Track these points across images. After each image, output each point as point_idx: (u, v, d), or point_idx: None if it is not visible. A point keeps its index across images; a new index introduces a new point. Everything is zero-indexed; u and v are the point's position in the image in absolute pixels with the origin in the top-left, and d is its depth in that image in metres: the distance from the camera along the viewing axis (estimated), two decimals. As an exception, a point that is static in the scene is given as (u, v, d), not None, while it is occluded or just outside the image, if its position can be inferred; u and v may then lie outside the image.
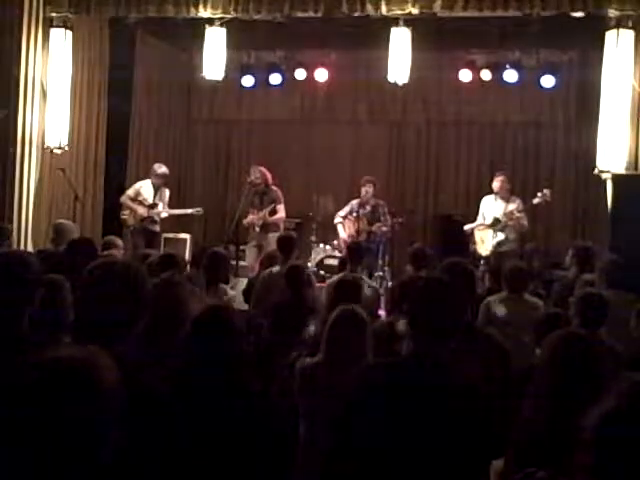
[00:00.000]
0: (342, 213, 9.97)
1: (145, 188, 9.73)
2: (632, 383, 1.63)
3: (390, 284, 8.12)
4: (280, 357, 4.25)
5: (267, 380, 3.97)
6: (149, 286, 2.52)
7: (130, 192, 9.78)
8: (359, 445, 2.76)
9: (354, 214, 9.75)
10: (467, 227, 9.61)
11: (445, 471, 2.66)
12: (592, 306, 4.46)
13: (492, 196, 9.52)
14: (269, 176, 9.50)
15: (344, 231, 9.90)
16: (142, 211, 9.61)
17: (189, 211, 10.15)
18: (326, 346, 3.64)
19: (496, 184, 9.44)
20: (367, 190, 9.72)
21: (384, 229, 9.69)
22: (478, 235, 9.45)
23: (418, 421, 2.66)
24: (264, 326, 5.10)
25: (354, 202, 9.88)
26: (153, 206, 9.68)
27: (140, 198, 9.66)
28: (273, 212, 9.41)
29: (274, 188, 9.53)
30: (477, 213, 9.76)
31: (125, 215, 9.64)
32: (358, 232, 9.62)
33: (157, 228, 9.83)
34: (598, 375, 2.57)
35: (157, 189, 9.76)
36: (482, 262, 8.96)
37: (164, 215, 9.82)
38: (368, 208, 9.78)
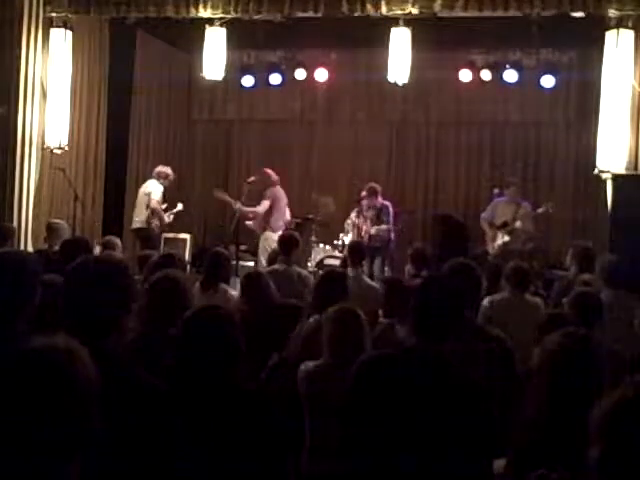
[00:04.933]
0: (353, 215, 9.94)
1: (161, 192, 9.72)
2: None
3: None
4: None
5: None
6: (134, 281, 2.52)
7: (157, 197, 9.60)
8: (361, 441, 2.76)
9: (361, 217, 9.73)
10: (484, 224, 9.91)
11: (445, 469, 2.67)
12: (586, 305, 4.44)
13: (503, 199, 9.85)
14: (270, 175, 9.52)
15: (352, 234, 9.88)
16: (167, 221, 9.67)
17: (179, 207, 10.11)
18: (328, 347, 3.64)
19: (511, 191, 9.80)
20: (364, 200, 9.69)
21: (383, 231, 9.65)
22: (490, 235, 9.78)
23: (417, 416, 2.66)
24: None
25: (362, 203, 9.85)
26: (166, 210, 9.73)
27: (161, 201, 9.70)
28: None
29: (273, 189, 9.51)
30: (477, 211, 9.96)
31: (155, 222, 9.58)
32: (360, 234, 9.60)
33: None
34: (598, 375, 2.57)
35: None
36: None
37: (171, 219, 9.88)
38: (373, 211, 9.75)
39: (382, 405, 2.71)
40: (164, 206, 9.72)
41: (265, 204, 9.42)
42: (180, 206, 10.10)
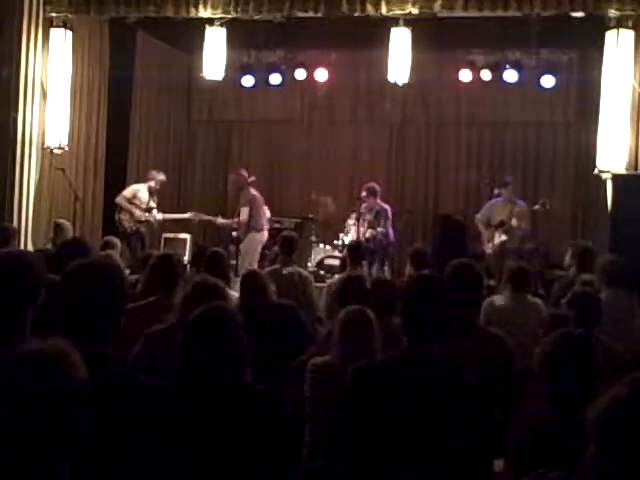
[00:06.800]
0: (351, 221, 9.92)
1: (142, 192, 9.74)
2: (634, 377, 1.65)
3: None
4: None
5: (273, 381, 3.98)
6: (127, 284, 2.53)
7: (127, 193, 9.74)
8: (358, 444, 2.76)
9: (359, 220, 9.73)
10: (479, 225, 9.86)
11: (444, 471, 2.67)
12: (584, 305, 4.44)
13: (500, 199, 9.79)
14: (244, 176, 9.66)
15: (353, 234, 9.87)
16: (139, 214, 9.62)
17: (185, 215, 10.19)
18: (336, 346, 3.65)
19: (508, 190, 9.73)
20: (363, 201, 9.69)
21: (378, 235, 9.63)
22: (486, 235, 9.72)
23: (414, 419, 2.66)
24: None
25: (362, 205, 9.85)
26: (149, 210, 9.71)
27: (136, 201, 9.66)
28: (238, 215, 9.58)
29: (246, 191, 9.59)
30: (477, 212, 9.95)
31: (123, 217, 9.62)
32: (358, 237, 9.61)
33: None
34: (597, 374, 2.57)
35: (151, 194, 9.79)
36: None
37: (159, 218, 9.88)
38: (371, 214, 9.75)
39: (379, 409, 2.71)
40: (145, 206, 9.73)
41: (245, 211, 9.50)
42: (188, 215, 10.16)
